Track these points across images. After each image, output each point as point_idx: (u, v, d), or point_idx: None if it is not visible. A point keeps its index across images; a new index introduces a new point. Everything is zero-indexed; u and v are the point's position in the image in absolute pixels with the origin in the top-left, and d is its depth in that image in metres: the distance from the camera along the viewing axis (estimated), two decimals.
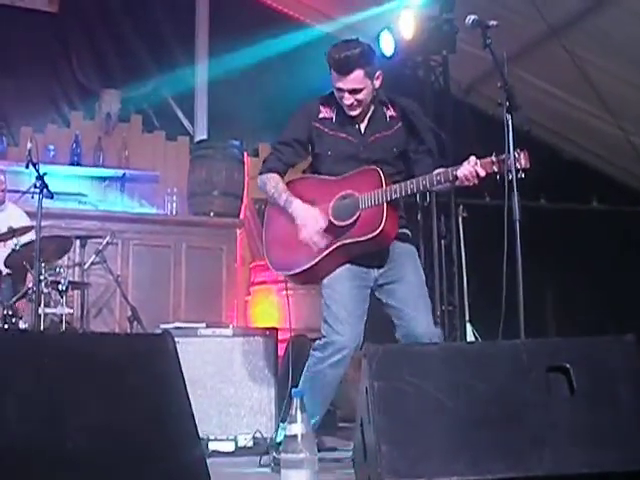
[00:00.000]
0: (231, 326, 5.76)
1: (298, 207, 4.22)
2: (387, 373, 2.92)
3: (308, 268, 4.19)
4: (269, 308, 7.76)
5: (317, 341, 4.22)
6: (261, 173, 4.43)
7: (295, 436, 2.98)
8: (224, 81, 9.54)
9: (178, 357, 2.96)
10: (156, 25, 9.69)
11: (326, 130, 4.31)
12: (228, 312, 8.35)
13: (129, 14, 9.65)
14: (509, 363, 3.01)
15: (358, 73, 4.07)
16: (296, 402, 3.03)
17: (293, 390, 3.09)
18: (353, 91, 4.11)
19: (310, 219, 4.17)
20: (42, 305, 5.99)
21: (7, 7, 9.04)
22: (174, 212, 8.89)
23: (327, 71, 4.23)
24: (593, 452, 2.79)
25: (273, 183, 4.34)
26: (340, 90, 4.14)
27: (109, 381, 2.73)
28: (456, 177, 3.92)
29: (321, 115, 4.33)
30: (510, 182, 3.67)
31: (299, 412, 3.01)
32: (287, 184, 4.35)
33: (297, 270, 4.23)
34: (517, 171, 3.70)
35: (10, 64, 8.95)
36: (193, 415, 2.87)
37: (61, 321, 6.34)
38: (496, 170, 3.83)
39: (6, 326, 5.87)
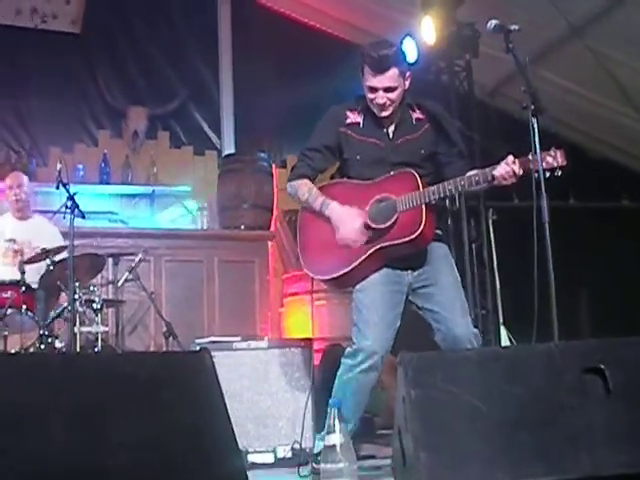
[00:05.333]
0: (266, 338, 5.77)
1: (335, 208, 4.19)
2: (423, 381, 2.93)
3: (346, 272, 4.16)
4: (303, 319, 7.76)
5: (347, 348, 4.18)
6: (291, 180, 4.40)
7: (334, 446, 3.00)
8: (250, 94, 9.61)
9: (216, 373, 2.98)
10: (180, 41, 9.78)
11: (354, 135, 4.29)
12: (262, 324, 8.35)
13: (152, 31, 9.75)
14: (544, 366, 3.01)
15: (394, 71, 4.08)
16: (334, 412, 3.05)
17: (330, 400, 3.11)
18: (387, 89, 4.11)
19: (347, 217, 4.15)
20: (77, 324, 6.02)
21: (31, 30, 9.16)
22: (205, 227, 8.94)
23: (353, 81, 4.25)
24: (631, 452, 2.79)
25: (306, 188, 4.31)
26: (373, 90, 4.13)
27: (148, 399, 2.77)
28: (494, 177, 3.91)
29: (348, 120, 4.32)
30: (538, 182, 3.66)
31: (337, 422, 3.03)
32: (320, 189, 4.32)
33: (335, 275, 4.19)
34: (554, 169, 3.71)
35: (36, 86, 9.09)
36: (233, 429, 2.89)
37: (97, 339, 6.35)
38: (532, 168, 3.82)
39: (42, 346, 5.90)
